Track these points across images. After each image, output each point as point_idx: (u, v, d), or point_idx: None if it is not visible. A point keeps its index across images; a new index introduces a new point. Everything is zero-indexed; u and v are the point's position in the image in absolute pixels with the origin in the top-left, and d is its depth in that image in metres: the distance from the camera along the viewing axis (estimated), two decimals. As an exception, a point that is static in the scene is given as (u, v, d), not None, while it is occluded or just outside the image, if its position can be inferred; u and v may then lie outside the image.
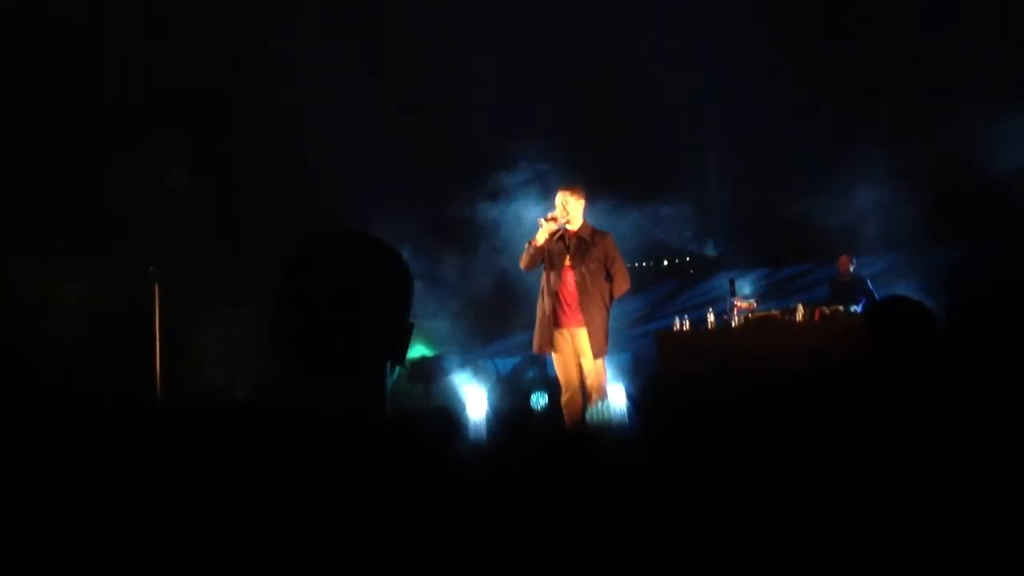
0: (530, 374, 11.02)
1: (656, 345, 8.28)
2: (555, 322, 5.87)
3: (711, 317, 8.14)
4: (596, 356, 5.75)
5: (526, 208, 7.04)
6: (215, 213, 9.66)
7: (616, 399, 6.43)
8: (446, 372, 10.99)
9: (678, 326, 8.16)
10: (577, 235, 5.90)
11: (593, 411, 5.74)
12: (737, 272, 10.70)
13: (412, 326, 1.29)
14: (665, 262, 13.69)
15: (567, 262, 5.89)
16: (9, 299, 8.01)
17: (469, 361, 11.26)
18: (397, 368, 1.29)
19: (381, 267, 1.28)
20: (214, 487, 1.11)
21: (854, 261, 9.05)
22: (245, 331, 7.87)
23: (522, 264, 5.99)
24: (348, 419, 1.21)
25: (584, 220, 5.96)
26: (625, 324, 11.59)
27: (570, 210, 5.88)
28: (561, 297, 5.88)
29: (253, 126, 9.49)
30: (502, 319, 12.10)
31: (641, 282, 13.78)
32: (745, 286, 8.96)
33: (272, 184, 10.40)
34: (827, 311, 7.63)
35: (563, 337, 5.89)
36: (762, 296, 8.79)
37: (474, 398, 6.48)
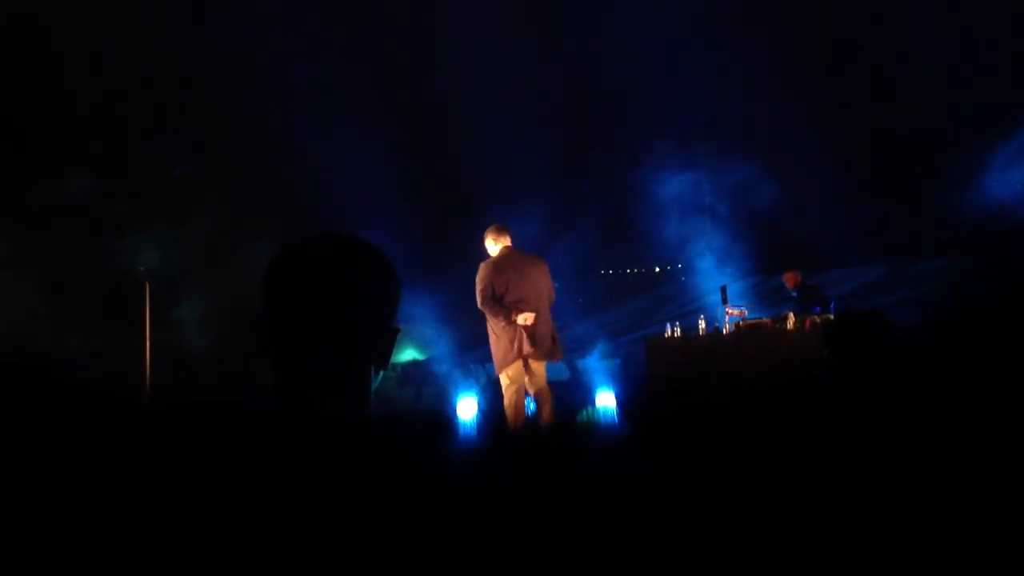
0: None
1: (646, 351, 8.28)
2: None
3: (702, 324, 8.15)
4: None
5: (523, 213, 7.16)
6: (208, 210, 9.65)
7: (607, 403, 6.50)
8: (436, 376, 10.97)
9: (669, 333, 8.17)
10: None
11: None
12: (729, 280, 10.73)
13: (398, 331, 1.28)
14: (656, 269, 13.73)
15: None
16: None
17: (459, 365, 11.24)
18: (382, 372, 1.29)
19: (366, 269, 1.27)
20: (201, 488, 1.11)
21: (799, 275, 9.18)
22: (233, 331, 7.86)
23: None
24: (332, 422, 1.21)
25: (489, 255, 6.22)
26: (615, 331, 11.62)
27: None
28: None
29: (252, 124, 9.49)
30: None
31: (631, 289, 13.83)
32: (736, 294, 8.99)
33: (267, 184, 10.39)
34: (817, 320, 7.65)
35: None
36: (751, 304, 8.83)
37: (464, 402, 6.49)
